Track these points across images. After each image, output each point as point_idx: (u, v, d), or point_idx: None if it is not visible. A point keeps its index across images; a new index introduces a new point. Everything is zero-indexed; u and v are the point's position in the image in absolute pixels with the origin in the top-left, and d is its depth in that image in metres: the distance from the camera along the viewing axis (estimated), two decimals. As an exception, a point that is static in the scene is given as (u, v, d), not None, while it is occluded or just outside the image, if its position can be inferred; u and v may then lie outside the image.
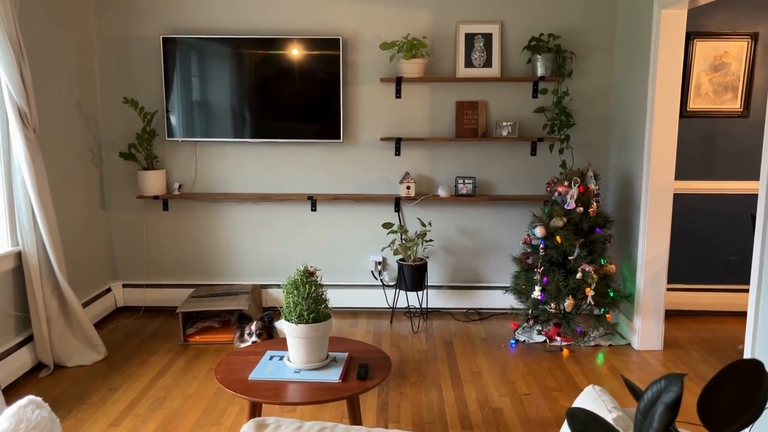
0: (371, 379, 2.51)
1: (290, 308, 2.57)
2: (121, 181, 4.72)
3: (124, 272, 4.84)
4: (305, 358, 2.59)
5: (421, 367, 3.77)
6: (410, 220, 4.70)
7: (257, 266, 4.80)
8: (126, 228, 4.78)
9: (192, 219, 4.76)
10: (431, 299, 4.75)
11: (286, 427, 1.29)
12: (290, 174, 4.69)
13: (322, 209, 4.73)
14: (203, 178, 4.72)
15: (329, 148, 4.65)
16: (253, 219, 4.75)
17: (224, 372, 2.61)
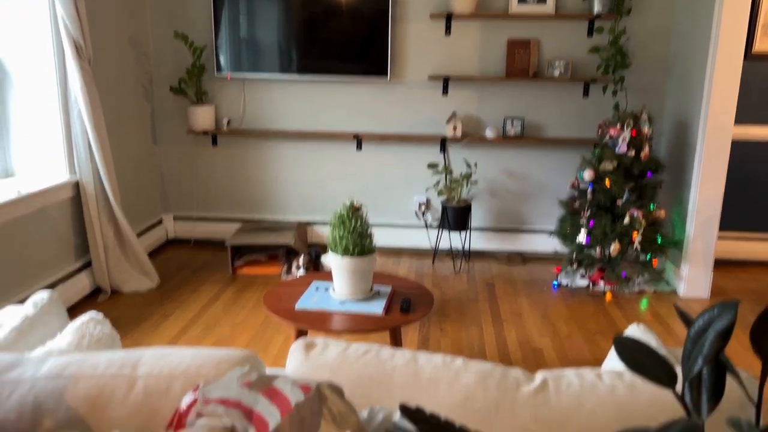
0: (414, 313, 2.56)
1: (336, 241, 2.62)
2: (172, 116, 4.79)
3: (175, 205, 4.97)
4: (350, 290, 2.65)
5: (461, 306, 3.82)
6: (456, 161, 4.66)
7: (303, 203, 4.87)
8: (176, 162, 4.89)
9: (240, 155, 4.83)
10: (474, 241, 4.75)
11: (333, 348, 1.33)
12: (337, 112, 4.69)
13: (368, 148, 4.72)
14: (251, 115, 4.75)
15: (376, 86, 4.61)
16: (299, 156, 4.78)
17: (272, 301, 2.70)
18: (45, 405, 1.20)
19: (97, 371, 1.24)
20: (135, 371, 1.23)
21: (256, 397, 0.94)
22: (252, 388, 0.93)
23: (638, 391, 1.19)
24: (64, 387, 1.21)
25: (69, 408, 1.19)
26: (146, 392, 1.20)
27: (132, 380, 1.22)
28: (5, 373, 1.25)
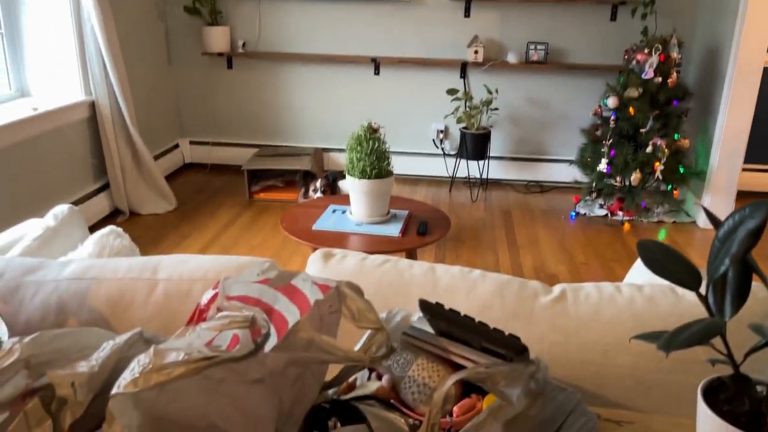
0: (430, 235, 2.56)
1: (353, 163, 2.60)
2: (186, 36, 4.70)
3: (191, 130, 4.95)
4: (366, 212, 2.65)
5: (477, 233, 3.82)
6: (476, 86, 4.56)
7: (319, 129, 4.81)
8: (192, 85, 4.83)
9: (256, 78, 4.75)
10: (492, 170, 4.70)
11: (351, 257, 1.33)
12: (354, 35, 4.56)
13: (386, 73, 4.62)
14: (267, 37, 4.65)
15: (395, 7, 4.46)
16: (316, 81, 4.70)
17: (289, 222, 2.70)
18: (68, 306, 1.22)
19: (118, 275, 1.25)
20: (155, 275, 1.25)
21: (276, 295, 0.94)
22: (271, 286, 0.93)
23: (657, 303, 1.18)
24: (87, 289, 1.23)
25: (91, 309, 1.21)
26: (166, 295, 1.22)
27: (152, 284, 1.23)
28: (29, 275, 1.27)
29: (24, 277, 1.27)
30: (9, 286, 1.25)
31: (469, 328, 0.85)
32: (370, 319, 0.89)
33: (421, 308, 0.88)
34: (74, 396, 0.82)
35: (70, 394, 0.83)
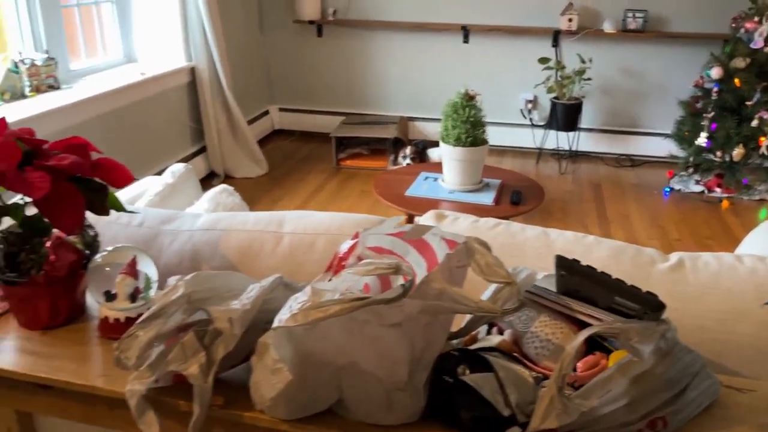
0: (524, 204, 2.56)
1: (448, 131, 2.61)
2: (278, 3, 4.79)
3: (281, 96, 5.08)
4: (460, 180, 2.67)
5: (566, 206, 3.76)
6: (568, 56, 4.44)
7: (406, 98, 4.83)
8: (282, 52, 4.94)
9: (344, 46, 4.81)
10: (581, 142, 4.59)
11: (463, 219, 1.36)
12: (444, 2, 4.52)
13: (475, 41, 4.57)
14: (357, 5, 4.68)
15: (488, -26, 4.39)
16: (404, 49, 4.71)
17: (382, 187, 2.76)
18: (202, 253, 1.31)
19: (246, 226, 1.34)
20: (281, 228, 1.32)
21: (407, 248, 0.99)
22: (404, 239, 0.98)
23: (782, 275, 1.16)
24: (218, 238, 1.32)
25: (223, 257, 1.31)
26: (291, 247, 1.29)
27: (278, 236, 1.31)
28: (166, 224, 1.38)
29: (161, 226, 1.38)
30: (148, 234, 1.37)
31: (604, 284, 0.87)
32: (500, 273, 0.93)
33: (558, 263, 0.91)
34: (230, 330, 0.91)
35: (227, 327, 0.91)
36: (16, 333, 1.17)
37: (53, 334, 1.16)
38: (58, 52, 3.12)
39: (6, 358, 1.10)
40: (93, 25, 3.59)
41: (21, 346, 1.13)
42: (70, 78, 3.24)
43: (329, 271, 0.99)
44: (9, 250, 1.12)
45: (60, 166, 1.05)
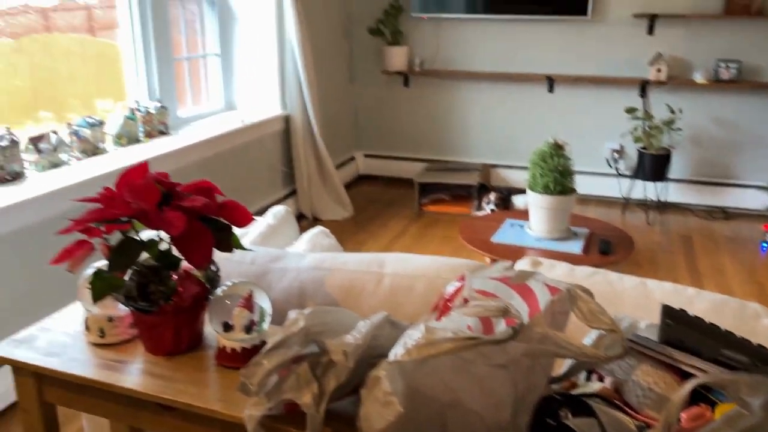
0: (614, 255, 2.53)
1: (536, 179, 2.64)
2: (368, 56, 5.01)
3: (366, 143, 5.25)
4: (547, 228, 2.68)
5: (654, 257, 3.67)
6: (657, 106, 4.39)
7: (489, 146, 4.89)
8: (369, 101, 5.13)
9: (430, 95, 4.94)
10: (670, 192, 4.48)
11: (560, 267, 1.39)
12: (530, 53, 4.60)
13: (560, 91, 4.60)
14: (443, 56, 4.82)
15: (572, 25, 4.43)
16: (488, 98, 4.79)
17: (468, 233, 2.81)
18: (307, 291, 1.40)
19: (349, 266, 1.42)
20: (382, 269, 1.39)
21: (511, 293, 1.03)
22: (509, 284, 1.02)
23: None
24: (323, 277, 1.41)
25: (327, 295, 1.39)
26: (392, 288, 1.36)
27: (379, 277, 1.38)
28: (274, 262, 1.48)
29: (270, 264, 1.48)
30: (259, 271, 1.47)
31: (713, 335, 0.89)
32: (604, 320, 0.95)
33: (664, 312, 0.93)
34: (345, 362, 0.97)
35: (342, 360, 0.97)
36: (143, 357, 1.28)
37: (176, 359, 1.26)
38: (168, 100, 3.40)
39: (133, 380, 1.21)
40: (199, 76, 3.89)
41: (147, 369, 1.24)
42: (177, 124, 3.50)
43: (435, 311, 1.05)
44: (141, 281, 1.24)
45: (193, 207, 1.17)
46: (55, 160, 2.69)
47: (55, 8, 3.40)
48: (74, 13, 3.45)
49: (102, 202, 1.17)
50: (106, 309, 1.32)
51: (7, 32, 3.08)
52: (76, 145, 2.83)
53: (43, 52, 3.27)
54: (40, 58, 3.25)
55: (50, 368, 1.25)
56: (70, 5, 3.43)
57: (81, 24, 3.48)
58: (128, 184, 1.17)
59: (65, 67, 3.40)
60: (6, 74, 3.13)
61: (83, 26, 3.50)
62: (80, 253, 1.20)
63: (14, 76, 3.14)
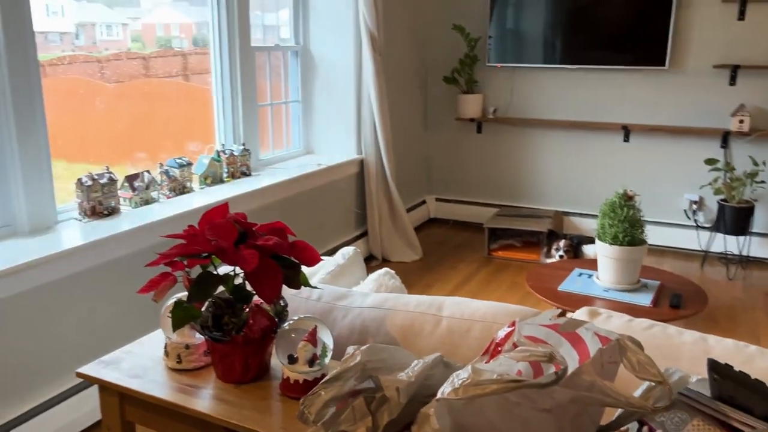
0: (684, 309, 2.47)
1: (605, 229, 2.63)
2: (442, 103, 5.14)
3: (438, 187, 5.33)
4: (615, 279, 2.65)
5: (734, 314, 3.52)
6: (739, 157, 4.25)
7: (562, 193, 4.87)
8: (442, 147, 5.23)
9: (502, 142, 4.99)
10: (753, 247, 4.30)
11: (617, 318, 1.40)
12: (604, 102, 4.58)
13: (636, 140, 4.55)
14: (516, 104, 4.88)
15: (649, 75, 4.40)
16: (561, 146, 4.79)
17: (535, 280, 2.81)
18: (369, 329, 1.47)
19: (409, 307, 1.48)
20: (440, 312, 1.45)
21: (561, 340, 1.06)
22: (558, 332, 1.06)
23: None
24: (384, 316, 1.47)
25: (387, 333, 1.45)
26: (449, 330, 1.41)
27: (437, 319, 1.43)
28: (340, 300, 1.56)
29: (336, 302, 1.56)
30: (324, 308, 1.55)
31: (759, 392, 0.89)
32: (652, 372, 0.97)
33: (710, 366, 0.94)
34: (397, 398, 1.03)
35: (394, 396, 1.03)
36: (214, 384, 1.38)
37: (244, 388, 1.35)
38: (251, 144, 3.61)
39: (204, 404, 1.31)
40: (281, 121, 4.11)
41: (217, 395, 1.34)
42: (259, 166, 3.71)
43: (486, 354, 1.09)
44: (217, 312, 1.35)
45: (266, 245, 1.27)
46: (147, 197, 2.91)
47: (155, 55, 3.72)
48: (171, 59, 3.77)
49: (186, 239, 1.29)
50: (183, 337, 1.43)
51: (112, 78, 3.40)
52: (166, 184, 3.05)
53: (142, 97, 3.58)
54: (139, 102, 3.56)
55: (132, 389, 1.37)
56: (167, 52, 3.75)
57: (177, 70, 3.79)
58: (210, 222, 1.29)
59: (161, 110, 3.70)
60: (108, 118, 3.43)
61: (179, 72, 3.81)
62: (164, 284, 1.33)
63: (116, 120, 3.44)
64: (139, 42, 3.70)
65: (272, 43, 3.97)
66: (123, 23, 3.53)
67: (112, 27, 3.51)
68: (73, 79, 3.22)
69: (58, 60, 3.20)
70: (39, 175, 2.43)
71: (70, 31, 3.31)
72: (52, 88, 2.91)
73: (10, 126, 2.32)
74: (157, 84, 3.66)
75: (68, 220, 2.60)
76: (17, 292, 2.18)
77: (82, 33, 3.37)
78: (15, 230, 2.41)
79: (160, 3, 3.66)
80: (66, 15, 3.23)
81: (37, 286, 2.24)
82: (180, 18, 3.73)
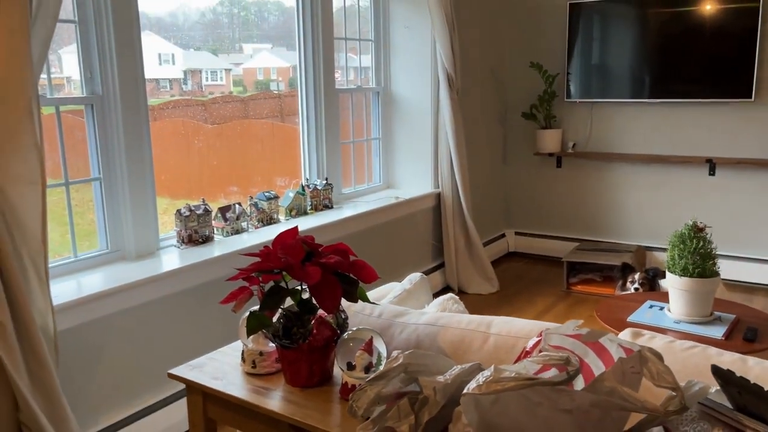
0: (759, 343, 2.42)
1: (675, 260, 2.63)
2: (521, 138, 5.22)
3: (517, 221, 5.38)
4: (686, 311, 2.63)
5: (829, 354, 3.33)
6: (835, 190, 4.06)
7: (645, 227, 4.79)
8: (522, 182, 5.29)
9: (582, 177, 5.00)
10: None
11: (660, 339, 1.46)
12: (687, 135, 4.51)
13: (722, 174, 4.43)
14: (596, 138, 4.89)
15: (734, 108, 4.31)
16: (643, 180, 4.74)
17: (604, 311, 2.83)
18: (423, 343, 1.60)
19: (461, 325, 1.60)
20: (488, 329, 1.56)
21: (586, 350, 1.16)
22: (582, 341, 1.15)
23: None
24: (437, 332, 1.60)
25: (439, 348, 1.58)
26: (496, 346, 1.51)
27: (485, 336, 1.55)
28: (398, 317, 1.70)
29: (394, 319, 1.71)
30: (384, 324, 1.70)
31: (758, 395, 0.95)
32: (668, 380, 1.05)
33: (713, 372, 1.01)
34: (434, 397, 1.16)
35: (432, 395, 1.16)
36: (283, 387, 1.55)
37: (308, 391, 1.52)
38: (334, 178, 3.85)
39: (274, 404, 1.48)
40: (363, 157, 4.35)
41: (285, 396, 1.51)
42: (341, 199, 3.94)
43: (518, 362, 1.20)
44: (287, 324, 1.53)
45: (328, 263, 1.45)
46: (237, 227, 3.19)
47: (253, 97, 4.08)
48: (268, 101, 4.11)
49: (261, 257, 1.49)
50: (258, 345, 1.62)
51: (213, 120, 3.77)
52: (254, 215, 3.33)
53: (238, 136, 3.93)
54: (235, 142, 3.91)
55: (214, 388, 1.56)
56: (265, 94, 4.11)
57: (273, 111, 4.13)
58: (281, 243, 1.49)
59: (254, 148, 4.04)
60: (206, 155, 3.79)
61: (274, 113, 4.14)
62: (242, 296, 1.52)
63: (213, 157, 3.79)
64: (241, 86, 4.08)
65: (355, 85, 4.24)
66: (226, 68, 3.91)
67: (217, 72, 3.89)
68: (177, 121, 3.60)
69: (166, 104, 3.60)
70: (145, 207, 2.74)
71: (179, 77, 3.72)
72: (159, 129, 3.28)
73: (123, 165, 2.66)
74: (251, 124, 4.01)
75: (168, 247, 2.91)
76: (123, 308, 2.47)
77: (190, 78, 3.77)
78: (123, 255, 2.73)
79: (260, 49, 4.03)
80: (176, 62, 3.63)
81: (140, 303, 2.53)
82: (278, 62, 4.08)
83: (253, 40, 4.07)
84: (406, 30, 4.27)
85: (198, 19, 3.66)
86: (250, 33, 4.08)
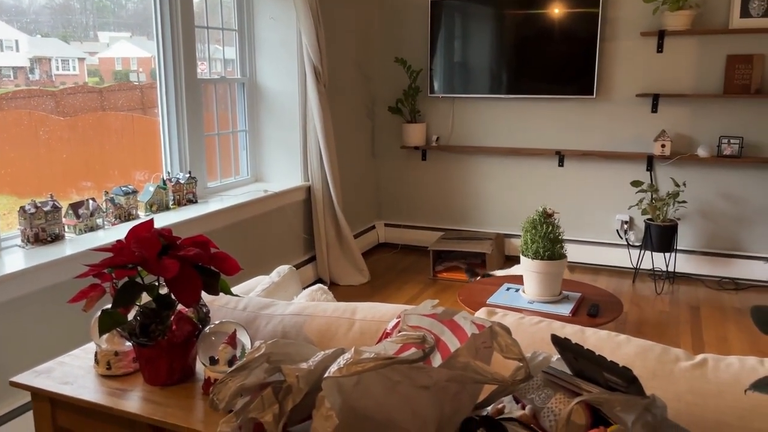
0: (601, 317, 2.66)
1: (528, 245, 2.82)
2: (389, 132, 5.34)
3: (387, 213, 5.50)
4: (538, 291, 2.83)
5: (660, 326, 3.74)
6: (662, 180, 4.55)
7: (503, 216, 5.08)
8: (390, 174, 5.42)
9: (446, 169, 5.21)
10: (680, 264, 4.57)
11: (511, 316, 1.56)
12: (540, 130, 4.85)
13: (570, 165, 4.81)
14: (458, 132, 5.11)
15: (580, 104, 4.69)
16: (501, 172, 5.02)
17: (467, 295, 2.97)
18: (289, 334, 1.60)
19: (326, 313, 1.61)
20: (353, 316, 1.59)
21: (443, 328, 1.21)
22: (438, 320, 1.21)
23: (802, 378, 1.24)
24: (303, 321, 1.60)
25: (306, 337, 1.58)
26: (361, 331, 1.54)
27: (351, 322, 1.57)
28: (264, 309, 1.68)
29: (260, 311, 1.68)
30: (249, 317, 1.67)
31: (590, 359, 1.05)
32: (515, 352, 1.13)
33: (552, 341, 1.10)
34: (298, 384, 1.16)
35: (295, 383, 1.16)
36: (142, 387, 1.48)
37: (169, 389, 1.46)
38: (198, 172, 3.72)
39: (133, 405, 1.41)
40: (229, 150, 4.23)
41: (144, 396, 1.44)
42: (206, 194, 3.81)
43: (378, 343, 1.23)
44: (144, 321, 1.46)
45: (186, 255, 1.40)
46: (92, 224, 2.99)
47: (111, 89, 3.82)
48: (128, 92, 3.87)
49: (113, 251, 1.41)
50: (113, 345, 1.53)
51: (66, 112, 3.49)
52: (111, 211, 3.13)
53: (93, 129, 3.67)
54: (90, 135, 3.64)
55: (63, 394, 1.46)
56: (124, 85, 3.86)
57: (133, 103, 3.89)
58: (135, 236, 1.41)
59: (111, 142, 3.79)
60: (56, 149, 3.50)
61: (135, 105, 3.91)
62: (93, 294, 1.43)
63: (66, 152, 3.51)
64: (97, 76, 3.80)
65: (219, 76, 4.12)
66: (80, 57, 3.63)
67: (69, 61, 3.60)
68: (23, 112, 3.30)
69: (12, 94, 3.28)
70: (-19, 202, 2.49)
71: (25, 65, 3.40)
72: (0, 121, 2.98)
73: (-47, 155, 2.40)
74: (108, 116, 3.76)
75: (11, 247, 2.66)
76: (-43, 315, 2.23)
77: (37, 67, 3.46)
78: (-43, 257, 2.47)
79: (118, 38, 3.78)
80: (20, 49, 3.32)
81: (-22, 309, 2.30)
82: (138, 52, 3.85)
83: (110, 28, 3.81)
84: (271, 21, 4.21)
85: (46, 3, 3.37)
86: (107, 20, 3.83)
